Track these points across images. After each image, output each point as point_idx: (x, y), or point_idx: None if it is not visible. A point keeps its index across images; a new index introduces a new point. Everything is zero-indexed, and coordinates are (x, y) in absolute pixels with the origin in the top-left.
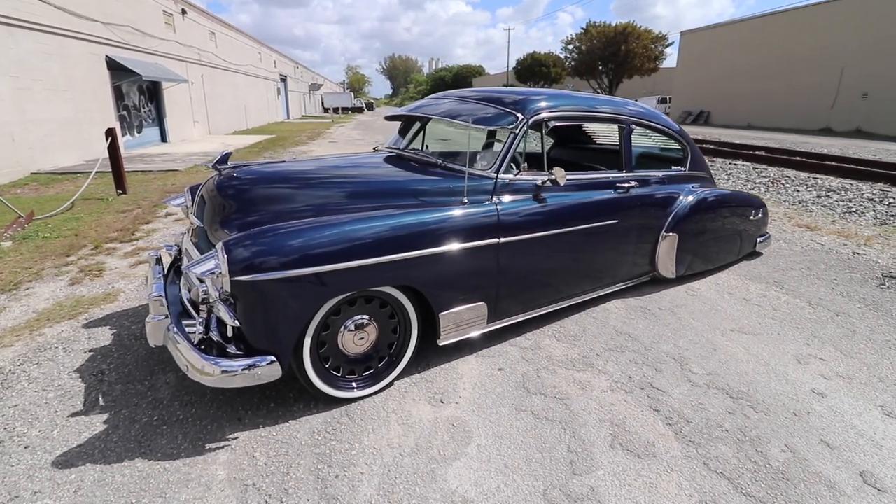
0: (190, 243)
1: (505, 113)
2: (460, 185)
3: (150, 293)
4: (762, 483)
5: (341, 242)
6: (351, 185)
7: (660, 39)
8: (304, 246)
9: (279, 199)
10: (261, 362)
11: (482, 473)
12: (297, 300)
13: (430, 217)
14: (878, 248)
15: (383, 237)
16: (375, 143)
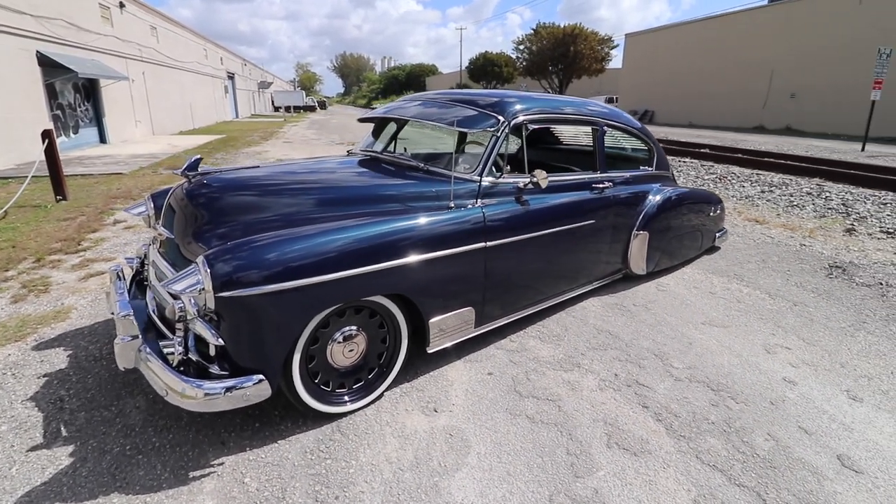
0: (158, 255)
1: (486, 115)
2: (444, 189)
3: (118, 312)
4: (752, 473)
5: (331, 252)
6: (331, 190)
7: (605, 41)
8: (291, 257)
9: (256, 207)
10: (248, 382)
11: (486, 483)
12: (286, 314)
13: (419, 223)
14: (822, 239)
15: (374, 245)
16: (332, 143)
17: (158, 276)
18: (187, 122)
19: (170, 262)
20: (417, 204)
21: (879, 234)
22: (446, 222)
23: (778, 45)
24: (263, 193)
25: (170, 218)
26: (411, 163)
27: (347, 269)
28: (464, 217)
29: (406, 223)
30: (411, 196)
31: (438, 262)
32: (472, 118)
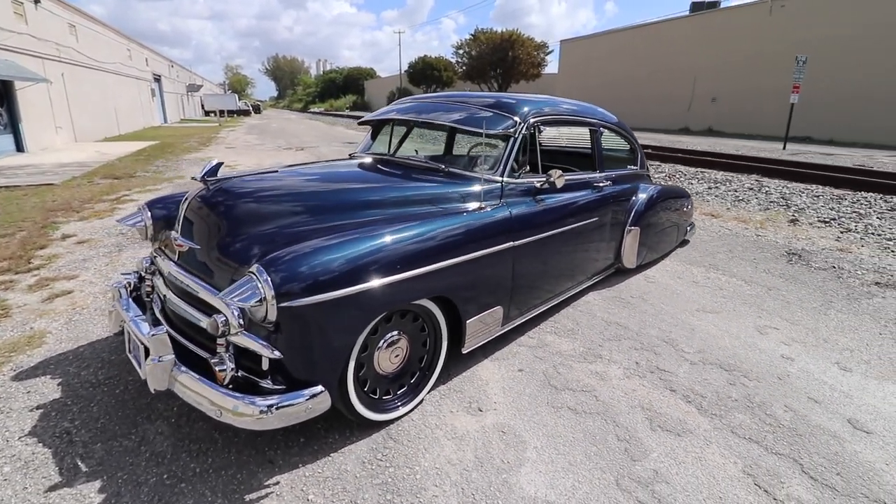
0: (177, 268)
1: (503, 116)
2: (467, 190)
3: (149, 331)
4: (783, 441)
5: (387, 254)
6: (361, 193)
7: (541, 47)
8: (350, 261)
9: (290, 212)
10: (309, 394)
11: (552, 475)
12: (345, 321)
13: (458, 224)
14: (772, 230)
15: (426, 247)
16: (279, 148)
17: (178, 290)
18: (112, 127)
19: (195, 275)
20: (446, 205)
21: (818, 224)
22: (481, 222)
23: (699, 52)
24: (293, 198)
25: (191, 227)
26: (429, 164)
27: (403, 272)
28: (494, 217)
29: (449, 224)
30: (439, 197)
31: (475, 263)
32: (489, 119)
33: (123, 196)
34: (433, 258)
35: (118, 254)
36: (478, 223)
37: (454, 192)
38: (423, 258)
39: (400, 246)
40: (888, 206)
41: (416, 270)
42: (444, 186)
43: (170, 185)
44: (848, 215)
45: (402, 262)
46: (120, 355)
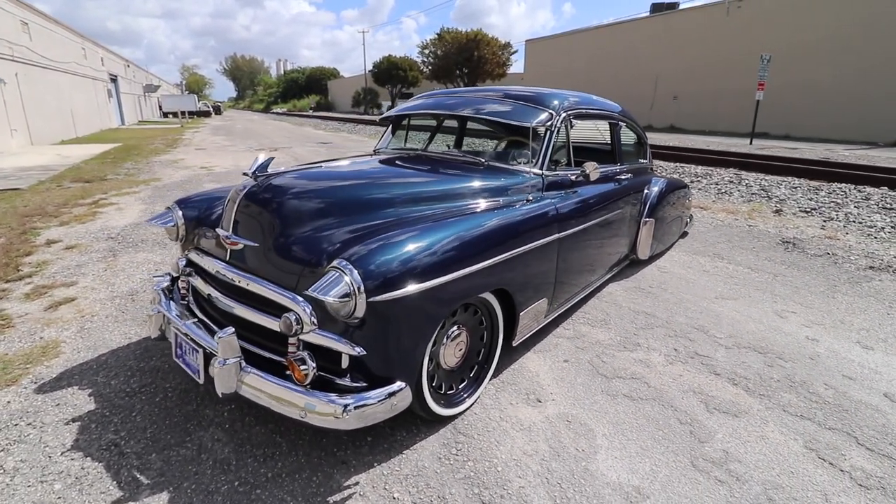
0: (229, 268)
1: (539, 109)
2: (511, 183)
3: (218, 334)
4: (833, 417)
5: (462, 247)
6: (414, 187)
7: (505, 47)
8: (431, 254)
9: (350, 207)
10: (393, 390)
11: (628, 461)
12: (427, 314)
13: (517, 215)
14: (760, 220)
15: (492, 239)
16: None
17: (229, 290)
18: (69, 129)
19: (253, 273)
20: (497, 198)
21: (801, 214)
22: (535, 214)
23: (661, 52)
24: (349, 193)
25: (245, 224)
26: (470, 158)
27: (476, 264)
28: (544, 209)
29: (509, 217)
30: (488, 190)
31: (530, 254)
32: (527, 112)
33: (101, 200)
34: (499, 250)
35: (114, 259)
36: (532, 215)
37: (503, 185)
38: (490, 250)
39: (471, 239)
40: (862, 196)
41: (486, 262)
42: (491, 180)
43: (148, 188)
44: (827, 205)
45: (475, 254)
46: (149, 362)
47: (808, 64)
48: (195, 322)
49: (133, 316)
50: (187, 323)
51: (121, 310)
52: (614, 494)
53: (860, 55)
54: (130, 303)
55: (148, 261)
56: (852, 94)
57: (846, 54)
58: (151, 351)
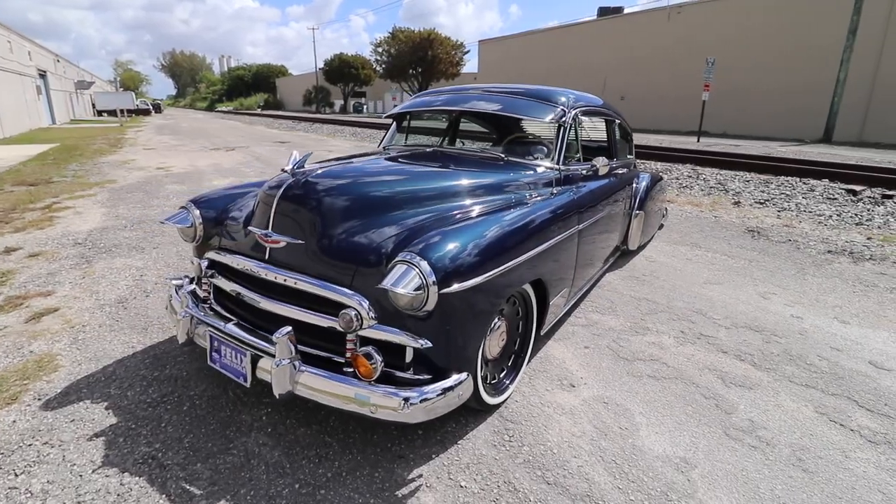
0: (271, 267)
1: (553, 105)
2: (540, 177)
3: (277, 334)
4: (832, 384)
5: (512, 239)
6: (449, 181)
7: (458, 47)
8: (490, 246)
9: (396, 202)
10: (458, 381)
11: (668, 435)
12: (486, 305)
13: (551, 207)
14: (723, 211)
15: (535, 230)
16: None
17: (270, 290)
18: None
19: (300, 272)
20: (526, 193)
21: (757, 205)
22: (564, 206)
23: (608, 54)
24: (391, 187)
25: (288, 222)
26: (488, 154)
27: (524, 254)
28: (567, 201)
29: (546, 209)
30: (519, 184)
31: (560, 245)
32: (541, 109)
33: (54, 204)
34: (540, 240)
35: (89, 266)
36: (563, 207)
37: (530, 179)
38: (534, 241)
39: (519, 230)
40: (808, 188)
41: (531, 253)
42: (518, 174)
43: (104, 191)
44: (778, 196)
45: (523, 245)
46: (163, 371)
47: (741, 66)
48: (236, 323)
49: (131, 324)
50: (228, 325)
51: (114, 318)
52: (665, 466)
53: (786, 59)
54: (123, 311)
55: (129, 267)
56: (779, 96)
57: (773, 58)
58: (162, 359)
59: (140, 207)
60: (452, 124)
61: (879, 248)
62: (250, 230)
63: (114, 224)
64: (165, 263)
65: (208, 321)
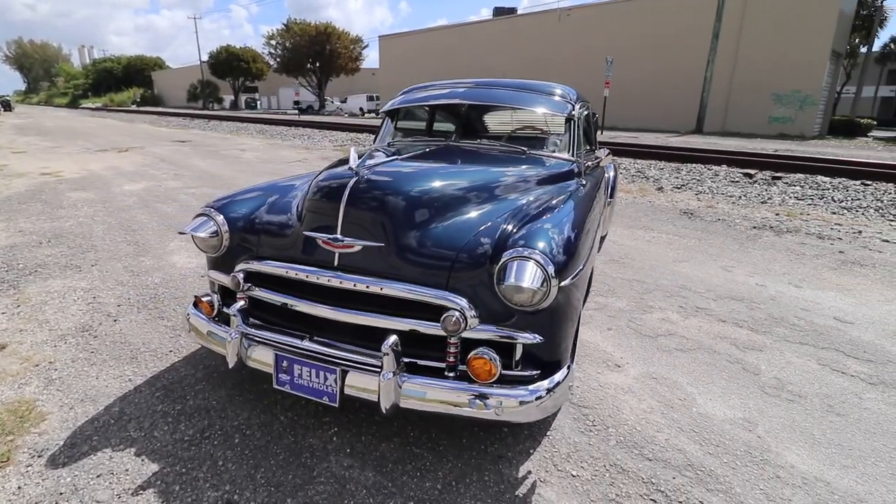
0: (344, 275)
1: (564, 99)
2: (568, 170)
3: (386, 344)
4: (819, 339)
5: (589, 228)
6: (502, 176)
7: (357, 41)
8: (582, 238)
9: (467, 198)
10: (565, 374)
11: (721, 400)
12: (580, 291)
13: (589, 199)
14: (653, 196)
15: (595, 219)
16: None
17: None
18: None
19: (380, 276)
20: (562, 185)
21: (676, 190)
22: (595, 197)
23: (505, 52)
24: (454, 183)
25: (357, 224)
26: (513, 148)
27: (594, 243)
28: (593, 191)
29: (587, 200)
30: (556, 177)
31: (595, 232)
32: (555, 102)
33: None
34: (597, 229)
35: (18, 292)
36: (595, 197)
37: (565, 170)
38: (596, 229)
39: (589, 220)
40: (712, 173)
41: (595, 239)
42: (553, 167)
43: None
44: (691, 181)
45: (593, 233)
46: (186, 403)
47: (624, 67)
48: (314, 339)
49: (112, 355)
50: (305, 343)
51: (86, 350)
52: (734, 428)
53: (663, 61)
54: (93, 340)
55: (72, 289)
56: (658, 93)
57: (652, 59)
58: (176, 390)
59: (47, 220)
60: (462, 119)
61: (789, 222)
62: (307, 235)
63: (23, 241)
64: (118, 282)
65: (275, 339)
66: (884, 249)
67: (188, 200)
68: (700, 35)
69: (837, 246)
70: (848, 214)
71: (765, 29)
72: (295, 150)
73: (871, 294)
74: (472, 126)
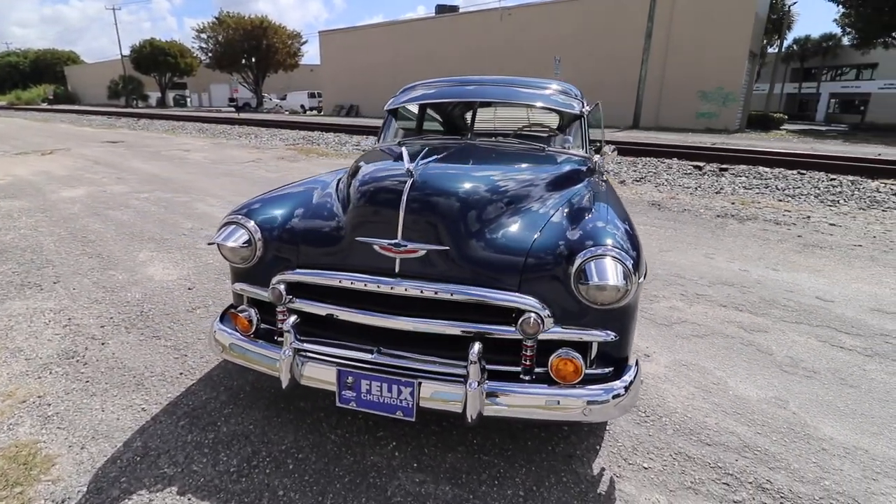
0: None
1: (571, 96)
2: (587, 165)
3: (472, 352)
4: (811, 318)
5: (631, 219)
6: (531, 174)
7: (295, 37)
8: (633, 228)
9: (519, 196)
10: (636, 369)
11: (749, 381)
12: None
13: (613, 192)
14: (617, 189)
15: (626, 210)
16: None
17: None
18: None
19: (442, 281)
20: (593, 181)
21: (637, 183)
22: (615, 192)
23: (450, 49)
24: (516, 181)
25: (420, 227)
26: (533, 145)
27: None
28: (611, 188)
29: (617, 196)
30: (584, 174)
31: None
32: (565, 100)
33: None
34: None
35: None
36: (614, 191)
37: (587, 167)
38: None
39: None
40: (666, 166)
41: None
42: (577, 164)
43: None
44: (649, 175)
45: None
46: (218, 430)
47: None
48: (383, 352)
49: (113, 382)
50: (374, 356)
51: (77, 379)
52: (770, 407)
53: (599, 59)
54: (83, 367)
55: (37, 310)
56: (598, 91)
57: (589, 57)
58: (202, 417)
59: None
60: (471, 117)
61: (746, 210)
62: (360, 241)
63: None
64: (92, 300)
65: (337, 355)
66: (833, 233)
67: (144, 206)
68: (635, 35)
69: (794, 231)
70: (793, 201)
71: (691, 30)
72: (245, 149)
73: (838, 275)
74: (483, 124)
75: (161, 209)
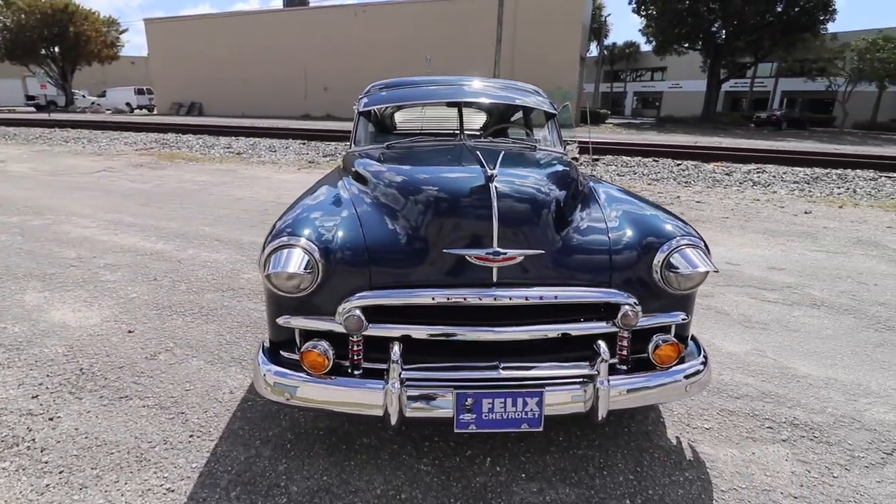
0: (494, 291)
1: (544, 99)
2: (569, 164)
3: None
4: (733, 279)
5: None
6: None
7: (112, 24)
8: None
9: (576, 192)
10: (702, 347)
11: (729, 339)
12: None
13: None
14: None
15: None
16: None
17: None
18: None
19: (541, 285)
20: (580, 177)
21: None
22: None
23: (305, 44)
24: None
25: (512, 233)
26: (527, 144)
27: None
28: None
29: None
30: (576, 172)
31: None
32: (539, 101)
33: None
34: None
35: None
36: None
37: (571, 165)
38: None
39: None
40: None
41: None
42: (566, 162)
43: None
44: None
45: None
46: (288, 494)
47: (418, 62)
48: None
49: (101, 464)
50: (500, 371)
51: (44, 471)
52: (755, 357)
53: (453, 59)
54: (42, 454)
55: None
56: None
57: (444, 57)
58: (256, 483)
59: None
60: (453, 118)
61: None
62: (451, 252)
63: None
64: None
65: (456, 377)
66: (703, 209)
67: None
68: (489, 37)
69: (676, 209)
70: (658, 185)
71: (532, 35)
72: (84, 157)
73: (727, 242)
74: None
75: (17, 238)
